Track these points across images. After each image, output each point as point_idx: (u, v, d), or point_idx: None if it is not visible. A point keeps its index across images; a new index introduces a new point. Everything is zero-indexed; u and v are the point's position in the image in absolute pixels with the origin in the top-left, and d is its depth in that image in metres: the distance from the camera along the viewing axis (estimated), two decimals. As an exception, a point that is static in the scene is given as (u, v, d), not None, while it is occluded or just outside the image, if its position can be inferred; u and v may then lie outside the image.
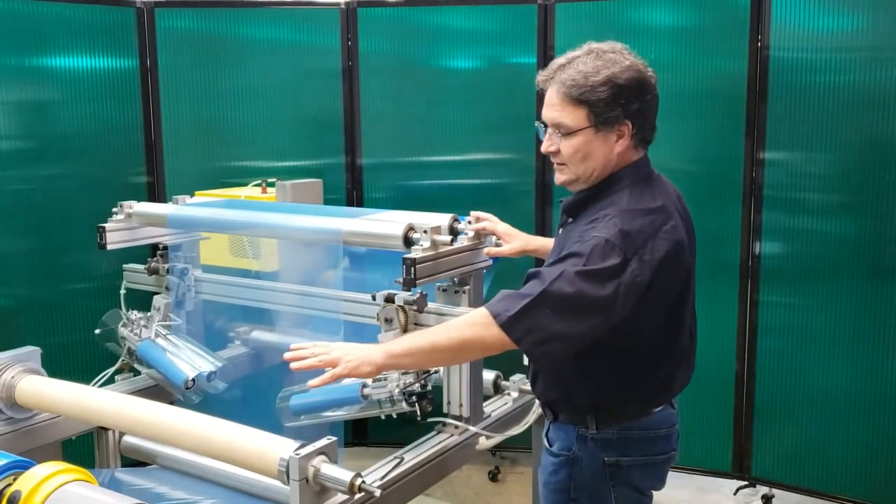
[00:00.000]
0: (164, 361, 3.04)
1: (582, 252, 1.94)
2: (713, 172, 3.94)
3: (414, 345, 2.08)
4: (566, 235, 2.14)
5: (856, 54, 3.59)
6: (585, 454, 2.15)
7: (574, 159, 2.09)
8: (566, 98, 2.05)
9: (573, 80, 2.03)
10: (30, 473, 1.67)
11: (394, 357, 2.09)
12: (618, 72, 2.02)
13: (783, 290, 3.87)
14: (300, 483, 2.01)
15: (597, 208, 2.07)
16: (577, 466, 2.16)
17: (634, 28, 4.03)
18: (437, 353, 2.07)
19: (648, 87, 2.07)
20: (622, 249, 1.93)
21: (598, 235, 1.95)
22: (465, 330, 2.03)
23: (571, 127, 2.06)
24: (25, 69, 3.94)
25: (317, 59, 4.44)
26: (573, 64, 2.05)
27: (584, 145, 2.06)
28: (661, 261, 1.97)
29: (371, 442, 4.54)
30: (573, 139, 2.07)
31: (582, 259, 1.93)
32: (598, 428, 2.14)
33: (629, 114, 2.04)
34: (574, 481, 2.17)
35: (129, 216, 3.19)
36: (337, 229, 2.70)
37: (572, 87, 2.03)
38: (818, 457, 3.86)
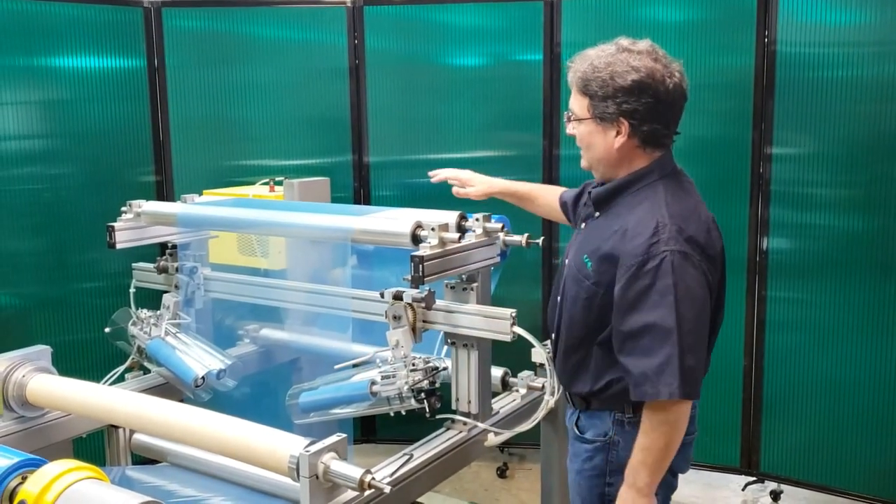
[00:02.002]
0: (173, 359, 3.06)
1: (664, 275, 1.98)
2: (720, 168, 3.93)
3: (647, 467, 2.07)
4: (594, 231, 2.20)
5: (863, 49, 3.58)
6: (622, 438, 2.19)
7: (582, 146, 2.23)
8: (575, 87, 2.18)
9: (583, 71, 2.14)
10: (41, 471, 1.68)
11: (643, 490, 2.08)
12: (621, 71, 2.07)
13: (791, 285, 3.86)
14: (310, 480, 2.02)
15: (630, 204, 2.13)
16: (614, 451, 2.21)
17: (641, 23, 4.02)
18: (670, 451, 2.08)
19: (652, 92, 2.08)
20: (696, 255, 2.02)
21: (668, 249, 1.99)
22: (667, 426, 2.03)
23: (578, 115, 2.19)
24: (34, 69, 3.95)
25: (324, 57, 4.44)
26: (590, 56, 2.15)
27: (587, 135, 2.19)
28: (720, 252, 2.14)
29: (380, 439, 4.55)
30: (580, 126, 2.20)
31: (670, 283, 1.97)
32: (635, 412, 2.15)
33: (624, 112, 2.09)
34: (610, 465, 2.21)
35: (138, 215, 3.19)
36: (345, 227, 2.71)
37: (580, 78, 2.15)
38: (827, 452, 3.86)
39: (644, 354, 1.99)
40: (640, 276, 2.00)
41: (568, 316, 2.23)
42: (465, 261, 2.57)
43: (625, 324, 2.03)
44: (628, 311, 2.02)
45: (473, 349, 2.64)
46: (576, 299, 2.19)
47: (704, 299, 2.04)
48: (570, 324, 2.23)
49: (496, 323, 2.51)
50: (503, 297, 2.79)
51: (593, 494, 2.26)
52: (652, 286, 1.99)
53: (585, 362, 2.22)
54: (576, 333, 2.22)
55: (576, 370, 2.26)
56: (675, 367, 1.96)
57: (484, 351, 2.66)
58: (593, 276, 2.14)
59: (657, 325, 1.97)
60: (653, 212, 2.07)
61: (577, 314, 2.20)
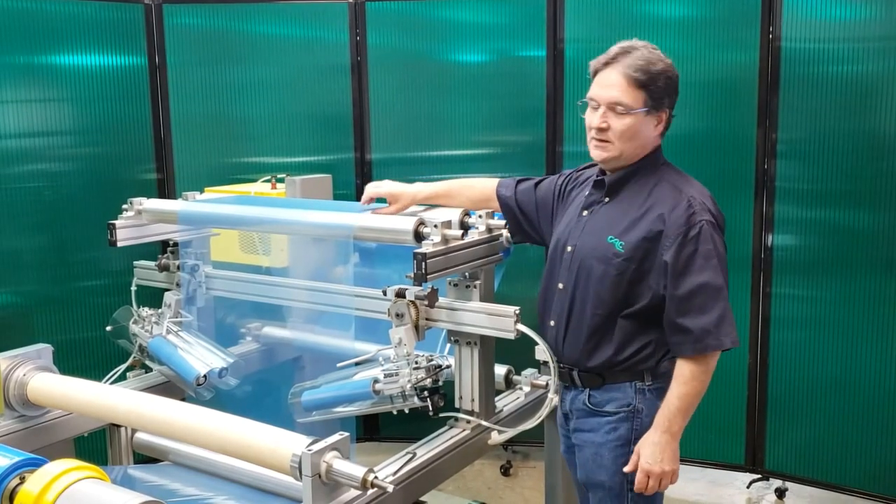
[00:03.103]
0: (175, 358, 3.05)
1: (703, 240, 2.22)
2: (725, 164, 3.92)
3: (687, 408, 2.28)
4: (609, 215, 2.36)
5: (869, 44, 3.56)
6: (645, 405, 2.34)
7: (624, 137, 2.30)
8: (631, 80, 2.27)
9: (638, 66, 2.26)
10: (42, 471, 1.67)
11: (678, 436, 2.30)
12: (668, 67, 2.30)
13: (796, 282, 3.85)
14: (313, 479, 2.01)
15: (637, 186, 2.35)
16: (638, 418, 2.34)
17: (645, 20, 4.00)
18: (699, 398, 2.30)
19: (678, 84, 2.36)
20: (718, 225, 2.28)
21: (703, 219, 2.24)
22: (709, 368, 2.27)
23: (632, 107, 2.28)
24: (34, 67, 3.95)
25: (325, 54, 4.43)
26: (634, 52, 2.28)
27: (635, 125, 2.30)
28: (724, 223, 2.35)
29: (383, 437, 4.54)
30: (627, 118, 2.29)
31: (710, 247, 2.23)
32: (653, 379, 2.35)
33: (670, 104, 2.34)
34: (635, 433, 2.33)
35: (139, 213, 3.18)
36: (347, 225, 2.70)
37: (637, 71, 2.26)
38: (832, 449, 3.84)
39: (701, 312, 2.22)
40: (685, 244, 2.22)
41: (593, 294, 2.34)
42: (468, 258, 2.56)
43: (680, 287, 2.23)
44: (680, 275, 2.23)
45: (476, 347, 2.63)
46: (603, 278, 2.32)
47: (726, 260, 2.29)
48: (597, 302, 2.34)
49: (499, 320, 2.50)
50: (506, 294, 2.78)
51: (617, 464, 2.35)
52: (696, 251, 2.22)
53: (608, 336, 2.35)
54: (602, 311, 2.34)
55: (596, 346, 2.37)
56: (730, 319, 2.23)
57: (487, 349, 2.65)
58: (625, 252, 2.29)
59: (709, 285, 2.21)
60: (676, 190, 2.30)
61: (606, 291, 2.32)
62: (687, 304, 2.23)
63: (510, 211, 2.66)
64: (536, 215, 2.62)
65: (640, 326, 2.32)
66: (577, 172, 2.60)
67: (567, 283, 2.41)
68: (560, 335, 2.44)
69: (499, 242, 2.68)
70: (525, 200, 2.63)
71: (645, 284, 2.29)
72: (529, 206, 2.63)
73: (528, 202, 2.63)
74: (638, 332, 2.33)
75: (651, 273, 2.28)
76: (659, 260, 2.26)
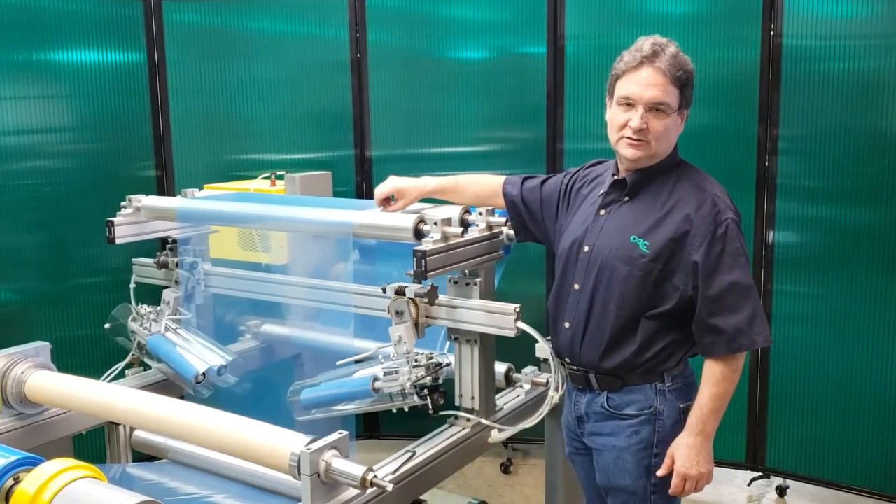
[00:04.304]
0: (174, 356, 3.04)
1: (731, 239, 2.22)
2: (726, 161, 3.90)
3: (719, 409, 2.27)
4: (630, 215, 2.33)
5: (870, 41, 3.55)
6: (666, 406, 2.32)
7: (660, 136, 2.27)
8: (672, 80, 2.24)
9: (677, 65, 2.24)
10: (38, 471, 1.66)
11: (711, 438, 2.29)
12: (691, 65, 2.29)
13: (797, 279, 3.84)
14: (311, 478, 2.00)
15: (657, 185, 2.32)
16: (660, 420, 2.32)
17: (646, 16, 3.99)
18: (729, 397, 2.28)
19: None
20: (740, 223, 2.28)
21: (729, 217, 2.24)
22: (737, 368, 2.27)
23: (672, 107, 2.26)
24: (33, 64, 3.94)
25: (325, 51, 4.42)
26: (669, 50, 2.25)
27: (671, 124, 2.29)
28: None
29: (383, 435, 4.54)
30: (667, 118, 2.26)
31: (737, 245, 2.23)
32: (673, 379, 2.33)
33: (692, 103, 2.33)
34: (658, 436, 2.32)
35: (138, 210, 3.18)
36: (347, 222, 2.69)
37: (678, 71, 2.24)
38: (833, 447, 3.84)
39: (732, 312, 2.21)
40: (714, 243, 2.21)
41: (617, 296, 2.30)
42: (469, 255, 2.55)
43: (711, 288, 2.21)
44: (711, 275, 2.21)
45: (477, 345, 2.62)
46: (628, 278, 2.28)
47: None
48: (621, 303, 2.30)
49: (500, 318, 2.49)
50: (506, 292, 2.77)
51: (640, 467, 2.33)
52: (724, 250, 2.21)
53: (630, 337, 2.31)
54: (626, 312, 2.30)
55: (617, 347, 2.33)
56: (761, 317, 2.23)
57: (487, 346, 2.64)
58: (651, 253, 2.26)
59: (739, 284, 2.21)
60: (699, 188, 2.28)
61: (630, 292, 2.29)
62: (718, 304, 2.21)
63: (515, 209, 2.63)
64: (541, 214, 2.59)
65: (664, 327, 2.30)
66: (585, 170, 2.56)
67: (584, 285, 2.36)
68: (577, 337, 2.39)
69: (499, 240, 2.67)
70: (530, 199, 2.61)
71: (670, 285, 2.26)
72: (535, 205, 2.60)
73: (534, 200, 2.60)
74: (661, 333, 2.30)
75: (677, 273, 2.25)
76: (687, 260, 2.23)
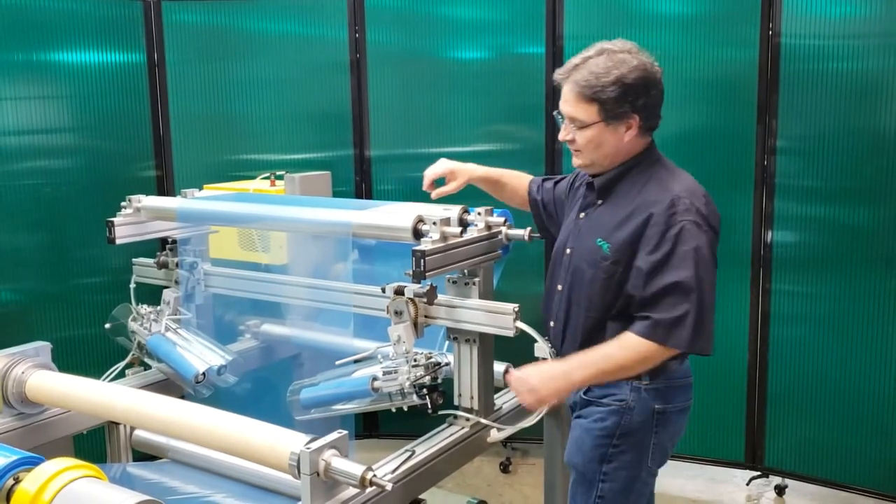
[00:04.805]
0: (174, 355, 3.04)
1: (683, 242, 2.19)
2: (725, 161, 3.91)
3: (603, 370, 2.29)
4: (601, 218, 2.36)
5: (869, 41, 3.56)
6: (638, 403, 2.33)
7: (588, 148, 2.33)
8: (580, 96, 2.28)
9: (586, 80, 2.26)
10: (38, 470, 1.67)
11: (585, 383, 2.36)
12: (626, 72, 2.25)
13: (796, 278, 3.85)
14: (311, 477, 2.00)
15: (627, 187, 2.33)
16: (628, 415, 2.33)
17: (644, 17, 3.99)
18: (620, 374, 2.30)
19: (654, 83, 2.31)
20: (704, 226, 2.22)
21: (686, 220, 2.21)
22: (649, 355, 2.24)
23: (585, 121, 2.30)
24: (33, 64, 3.94)
25: (324, 51, 4.42)
26: (587, 64, 2.28)
27: (596, 136, 2.31)
28: (718, 222, 2.30)
29: (382, 434, 4.54)
30: (587, 131, 2.31)
31: (690, 248, 2.19)
32: (651, 379, 2.32)
33: (636, 108, 2.28)
34: (621, 429, 2.34)
35: (138, 210, 3.18)
36: (346, 222, 2.69)
37: (585, 87, 2.26)
38: (832, 446, 3.84)
39: (666, 310, 2.20)
40: (662, 244, 2.21)
41: (585, 297, 2.37)
42: (467, 255, 2.55)
43: (650, 287, 2.21)
44: (653, 275, 2.21)
45: (476, 344, 2.62)
46: (594, 281, 2.34)
47: (714, 264, 2.25)
48: (589, 305, 2.36)
49: (499, 318, 2.49)
50: (506, 291, 2.78)
51: (595, 454, 2.37)
52: (673, 252, 2.20)
53: (600, 337, 2.34)
54: (594, 314, 2.36)
55: (590, 347, 2.35)
56: (690, 322, 2.18)
57: (486, 346, 2.64)
58: (612, 255, 2.30)
59: (680, 284, 2.18)
60: (662, 189, 2.27)
61: (596, 295, 2.34)
62: (653, 302, 2.21)
63: (536, 208, 2.75)
64: (556, 214, 2.69)
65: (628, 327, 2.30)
66: None
67: (564, 286, 2.45)
68: (559, 336, 2.48)
69: (498, 240, 2.67)
70: (547, 199, 2.73)
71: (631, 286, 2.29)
72: (550, 206, 2.72)
73: (550, 201, 2.72)
74: None
75: None
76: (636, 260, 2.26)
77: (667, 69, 3.87)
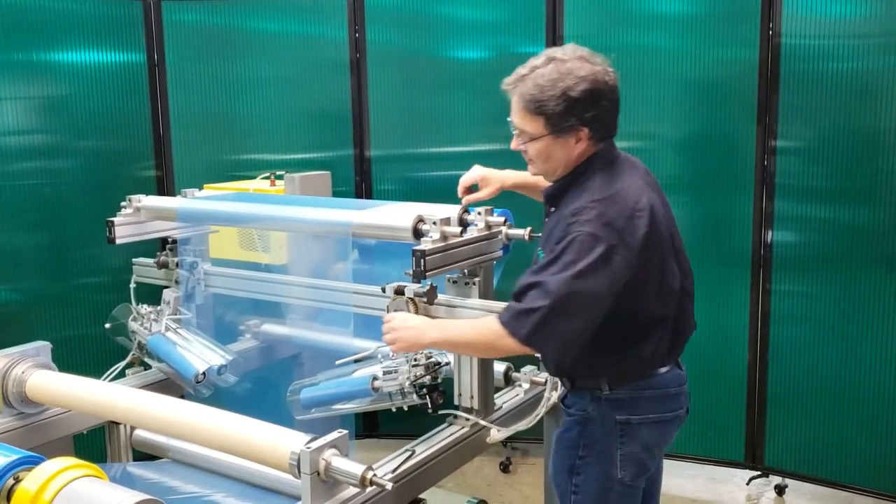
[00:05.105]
0: (174, 355, 3.04)
1: (571, 251, 2.10)
2: (725, 161, 3.91)
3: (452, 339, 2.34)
4: (553, 224, 2.28)
5: (869, 40, 3.55)
6: (598, 413, 2.27)
7: (539, 159, 2.28)
8: (525, 109, 2.21)
9: (531, 93, 2.18)
10: (39, 469, 1.67)
11: (435, 345, 2.38)
12: (572, 84, 2.15)
13: (796, 278, 3.84)
14: (311, 477, 2.01)
15: (573, 196, 2.23)
16: (589, 425, 2.29)
17: (644, 16, 3.99)
18: (469, 350, 2.41)
19: (605, 94, 2.19)
20: (606, 240, 2.09)
21: (582, 230, 2.11)
22: (491, 339, 2.21)
23: (532, 134, 2.23)
24: (33, 64, 3.94)
25: (324, 50, 4.42)
26: (532, 75, 2.20)
27: (545, 148, 2.24)
28: (643, 238, 2.14)
29: (382, 434, 4.54)
30: (535, 144, 2.24)
31: (573, 259, 2.09)
32: (612, 389, 2.26)
33: (584, 121, 2.19)
34: (584, 439, 2.30)
35: (138, 210, 3.18)
36: (346, 221, 2.69)
37: (530, 101, 2.19)
38: (832, 446, 3.84)
39: (523, 301, 2.14)
40: (553, 250, 2.14)
41: None
42: (468, 255, 2.55)
43: (522, 279, 2.18)
44: (532, 272, 2.18)
45: (476, 344, 2.62)
46: None
47: (608, 278, 2.10)
48: None
49: (499, 318, 2.49)
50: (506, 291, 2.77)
51: (564, 465, 2.34)
52: (558, 258, 2.12)
53: None
54: None
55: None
56: (536, 318, 2.10)
57: (486, 346, 2.64)
58: None
59: (544, 284, 2.11)
60: (588, 196, 2.18)
61: None
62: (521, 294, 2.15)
63: None
64: None
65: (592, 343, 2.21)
66: None
67: None
68: None
69: (498, 239, 2.67)
70: None
71: None
72: None
73: None
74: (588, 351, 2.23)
75: None
76: None
77: (667, 69, 3.94)
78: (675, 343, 2.32)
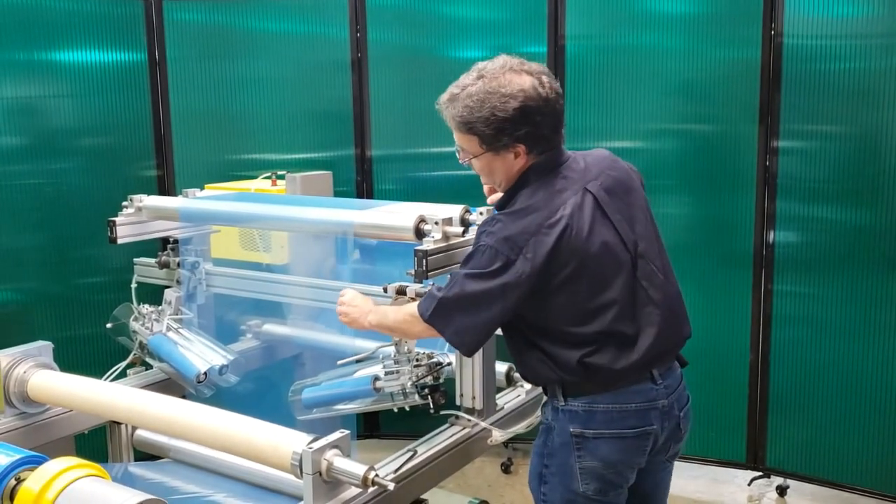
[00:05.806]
0: (175, 355, 3.04)
1: (474, 256, 2.16)
2: (727, 161, 3.91)
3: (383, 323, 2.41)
4: None
5: (871, 41, 3.55)
6: (557, 424, 2.27)
7: (483, 173, 2.32)
8: (459, 129, 2.24)
9: (461, 115, 2.19)
10: (42, 469, 1.67)
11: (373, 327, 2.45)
12: (499, 104, 2.14)
13: (798, 279, 3.84)
14: (313, 477, 2.01)
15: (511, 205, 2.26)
16: (551, 435, 2.28)
17: (647, 16, 3.98)
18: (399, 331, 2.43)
19: (538, 109, 2.16)
20: (505, 254, 2.11)
21: (484, 243, 2.14)
22: (410, 321, 2.30)
23: (470, 153, 2.26)
24: (34, 63, 3.93)
25: (326, 50, 4.42)
26: (461, 95, 2.19)
27: (486, 165, 2.26)
28: (547, 254, 2.10)
29: (384, 434, 4.54)
30: (476, 161, 2.27)
31: (473, 264, 2.16)
32: (566, 399, 2.24)
33: (518, 139, 2.18)
34: (547, 448, 2.30)
35: (140, 210, 3.18)
36: (348, 221, 2.69)
37: (461, 122, 2.21)
38: (833, 447, 3.84)
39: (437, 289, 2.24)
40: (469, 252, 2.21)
41: None
42: (469, 255, 2.55)
43: None
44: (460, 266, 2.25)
45: (477, 344, 2.61)
46: None
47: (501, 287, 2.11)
48: None
49: (501, 318, 2.49)
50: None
51: (535, 472, 2.35)
52: (465, 260, 2.21)
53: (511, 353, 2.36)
54: None
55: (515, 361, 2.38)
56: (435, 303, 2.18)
57: (488, 346, 2.64)
58: None
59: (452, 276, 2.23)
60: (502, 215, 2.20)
61: None
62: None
63: None
64: None
65: (523, 344, 2.27)
66: None
67: None
68: None
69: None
70: None
71: None
72: None
73: None
74: (524, 349, 2.27)
75: None
76: None
77: (668, 69, 3.93)
78: (647, 357, 2.19)
